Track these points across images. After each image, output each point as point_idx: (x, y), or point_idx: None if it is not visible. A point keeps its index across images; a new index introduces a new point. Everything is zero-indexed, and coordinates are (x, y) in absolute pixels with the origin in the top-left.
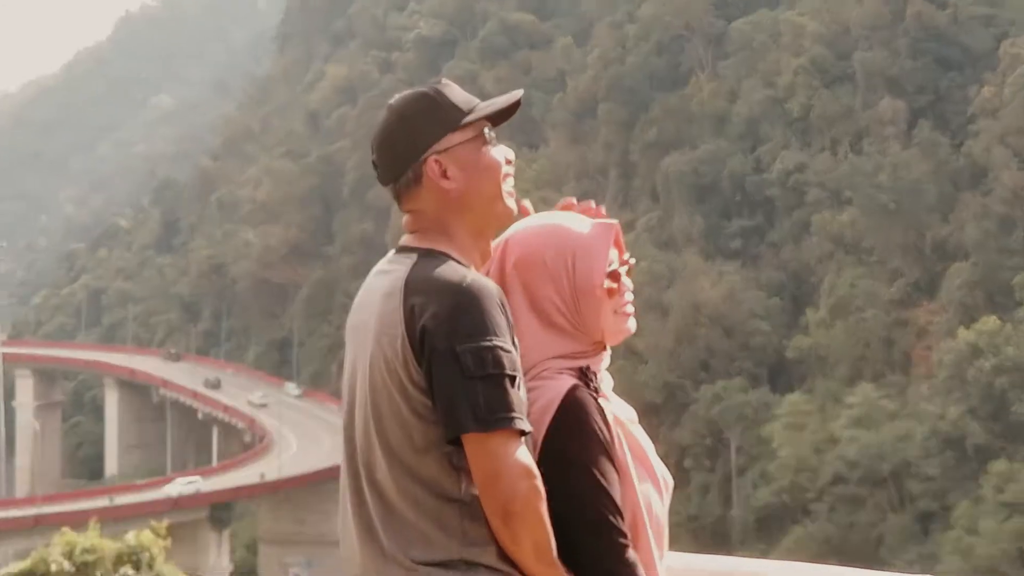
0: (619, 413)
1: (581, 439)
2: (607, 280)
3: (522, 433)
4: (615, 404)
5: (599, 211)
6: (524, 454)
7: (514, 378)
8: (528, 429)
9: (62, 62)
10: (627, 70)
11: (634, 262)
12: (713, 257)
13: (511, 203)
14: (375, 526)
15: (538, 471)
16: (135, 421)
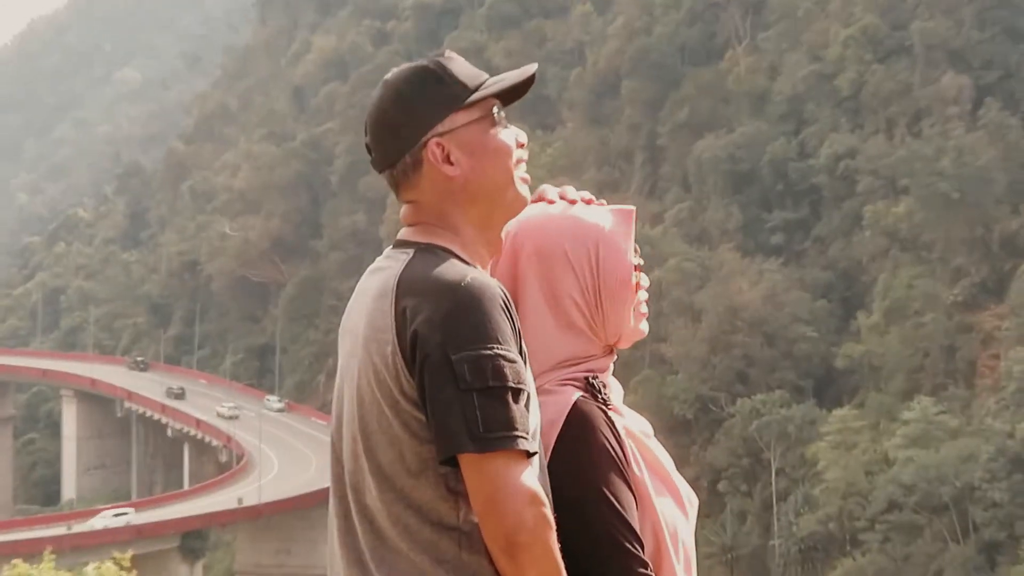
0: (631, 426)
1: (590, 458)
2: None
3: (528, 454)
4: (627, 417)
5: (589, 200)
6: (529, 478)
7: (519, 392)
8: (534, 450)
9: (13, 32)
10: (654, 42)
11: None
12: (752, 254)
13: (524, 191)
14: (365, 558)
15: (547, 497)
16: (96, 438)
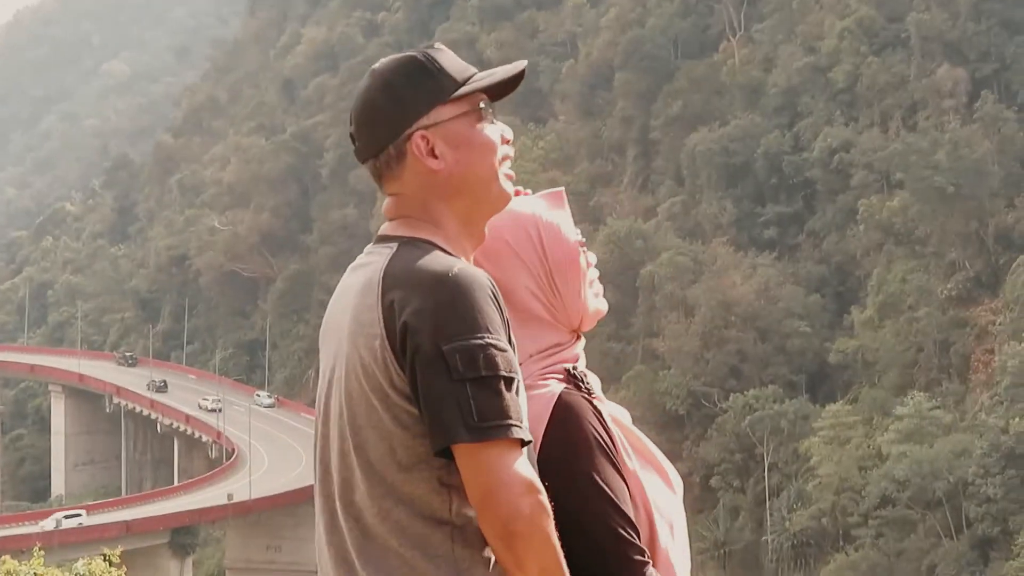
0: (615, 413)
1: (580, 448)
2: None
3: (522, 443)
4: (608, 405)
5: (516, 192)
6: (525, 466)
7: (511, 380)
8: (528, 439)
9: None
10: (647, 33)
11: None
12: (745, 248)
13: (508, 187)
14: (351, 557)
15: (542, 485)
16: (85, 434)
